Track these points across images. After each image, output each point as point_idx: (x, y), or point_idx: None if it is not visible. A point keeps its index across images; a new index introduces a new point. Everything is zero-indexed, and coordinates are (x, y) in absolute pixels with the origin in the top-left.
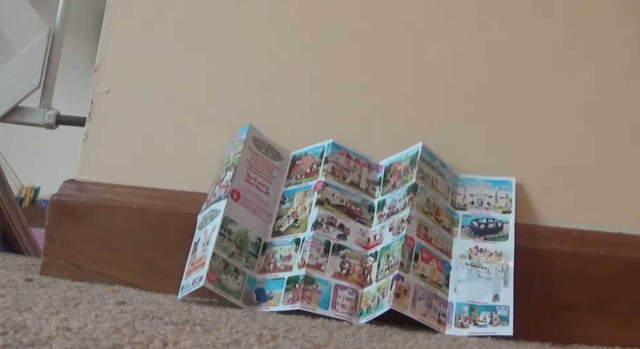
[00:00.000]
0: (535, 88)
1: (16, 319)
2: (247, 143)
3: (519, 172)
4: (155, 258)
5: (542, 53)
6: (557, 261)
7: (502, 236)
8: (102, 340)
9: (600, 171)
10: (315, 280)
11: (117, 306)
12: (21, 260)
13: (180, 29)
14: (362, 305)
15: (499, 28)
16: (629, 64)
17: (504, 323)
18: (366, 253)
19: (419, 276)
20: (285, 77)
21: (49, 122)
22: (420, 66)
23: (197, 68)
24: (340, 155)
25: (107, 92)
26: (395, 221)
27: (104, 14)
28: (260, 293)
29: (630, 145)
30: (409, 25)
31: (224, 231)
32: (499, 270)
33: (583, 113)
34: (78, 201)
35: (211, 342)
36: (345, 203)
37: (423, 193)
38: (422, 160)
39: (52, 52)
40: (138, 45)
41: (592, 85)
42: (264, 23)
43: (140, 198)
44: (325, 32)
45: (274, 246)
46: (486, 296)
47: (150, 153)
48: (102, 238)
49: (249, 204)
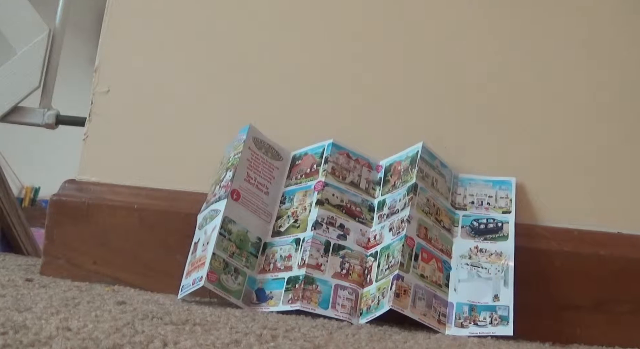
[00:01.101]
0: (535, 88)
1: (16, 319)
2: (247, 143)
3: (519, 172)
4: (155, 258)
5: (542, 53)
6: (557, 261)
7: (502, 236)
8: (102, 340)
9: (600, 171)
10: (315, 280)
11: (117, 306)
12: (21, 260)
13: (180, 28)
14: (362, 305)
15: (499, 28)
16: (629, 64)
17: (504, 323)
18: (366, 253)
19: (419, 276)
20: (285, 77)
21: (49, 122)
22: (421, 66)
23: (197, 68)
24: (340, 155)
25: (107, 92)
26: (395, 221)
27: (104, 14)
28: (260, 293)
29: (630, 145)
30: (408, 25)
31: (224, 231)
32: (499, 270)
33: (583, 114)
34: (78, 201)
35: (211, 342)
36: (345, 203)
37: (423, 193)
38: (422, 160)
39: (52, 52)
40: (138, 45)
41: (592, 85)
42: (264, 23)
43: (140, 198)
44: (325, 32)
45: (274, 246)
46: (486, 296)
47: (150, 153)
48: (102, 238)
49: (249, 204)
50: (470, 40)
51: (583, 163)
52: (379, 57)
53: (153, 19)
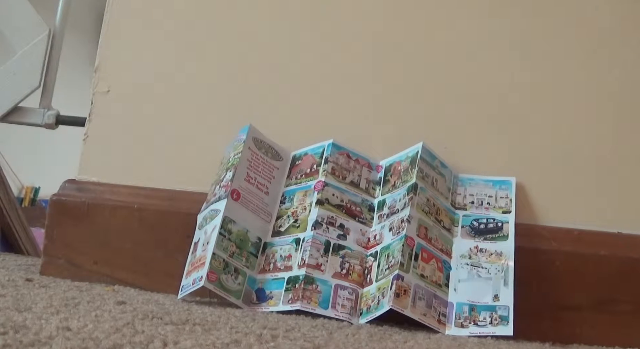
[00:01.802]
0: (535, 89)
1: (16, 319)
2: (247, 143)
3: (519, 172)
4: (155, 258)
5: (542, 53)
6: (557, 261)
7: (502, 236)
8: (102, 340)
9: (600, 171)
10: (315, 279)
11: (117, 306)
12: (21, 260)
13: (180, 28)
14: (362, 305)
15: (499, 28)
16: (629, 64)
17: (504, 323)
18: (366, 253)
19: (419, 276)
20: (285, 77)
21: (49, 122)
22: (421, 66)
23: (197, 68)
24: (340, 155)
25: (107, 92)
26: (395, 221)
27: (104, 14)
28: (260, 293)
29: (630, 145)
30: (408, 25)
31: (224, 231)
32: (499, 270)
33: (583, 114)
34: (78, 201)
35: (211, 342)
36: (345, 203)
37: (423, 193)
38: (422, 160)
39: (52, 52)
40: (138, 45)
41: (592, 85)
42: (264, 23)
43: (140, 198)
44: (326, 32)
45: (274, 246)
46: (486, 296)
47: (150, 153)
48: (102, 238)
49: (249, 204)
50: (470, 41)
51: (583, 163)
52: (379, 57)
53: (153, 19)
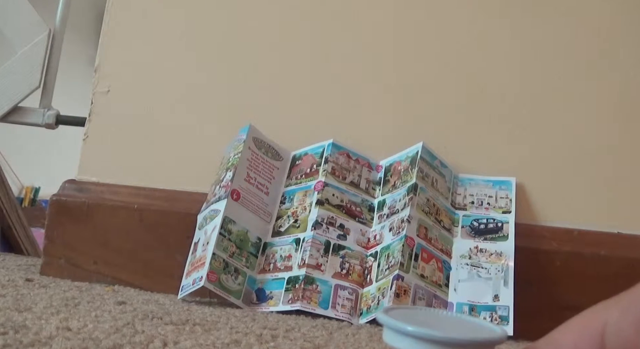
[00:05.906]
0: (535, 89)
1: (16, 319)
2: (247, 143)
3: (519, 172)
4: (155, 258)
5: (542, 53)
6: (557, 261)
7: (502, 236)
8: (102, 340)
9: (600, 171)
10: (315, 280)
11: (117, 306)
12: (21, 260)
13: (180, 28)
14: (362, 305)
15: (499, 28)
16: (629, 64)
17: (504, 323)
18: (366, 253)
19: (419, 276)
20: (285, 77)
21: (49, 122)
22: (421, 66)
23: (197, 68)
24: (340, 155)
25: (107, 92)
26: (395, 221)
27: (104, 14)
28: (260, 293)
29: (630, 145)
30: (408, 25)
31: (224, 231)
32: (499, 270)
33: (583, 113)
34: (78, 201)
35: (211, 342)
36: (345, 203)
37: (423, 193)
38: (422, 160)
39: (52, 52)
40: (138, 45)
41: (592, 85)
42: (264, 23)
43: (140, 198)
44: (326, 32)
45: (274, 246)
46: (486, 296)
47: (150, 153)
48: (102, 238)
49: (249, 204)
50: (470, 41)
51: (583, 163)
52: (379, 57)
53: (153, 19)
